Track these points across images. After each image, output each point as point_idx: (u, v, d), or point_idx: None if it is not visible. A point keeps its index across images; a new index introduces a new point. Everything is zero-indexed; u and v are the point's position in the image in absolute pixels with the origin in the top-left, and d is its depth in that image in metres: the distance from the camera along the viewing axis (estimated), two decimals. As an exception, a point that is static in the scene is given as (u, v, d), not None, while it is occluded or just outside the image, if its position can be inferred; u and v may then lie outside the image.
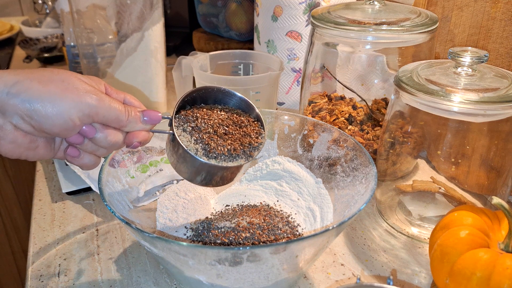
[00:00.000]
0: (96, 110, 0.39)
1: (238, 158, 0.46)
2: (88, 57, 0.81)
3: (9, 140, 0.38)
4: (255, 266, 0.41)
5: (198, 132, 0.45)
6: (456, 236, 0.42)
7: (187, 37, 1.35)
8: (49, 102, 0.37)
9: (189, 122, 0.46)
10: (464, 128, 0.52)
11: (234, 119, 0.48)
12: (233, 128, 0.47)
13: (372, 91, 0.73)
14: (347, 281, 0.51)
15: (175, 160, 0.46)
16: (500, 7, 0.65)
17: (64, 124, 0.38)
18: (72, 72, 0.40)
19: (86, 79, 0.41)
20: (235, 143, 0.46)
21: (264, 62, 0.79)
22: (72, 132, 0.39)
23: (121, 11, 0.76)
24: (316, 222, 0.55)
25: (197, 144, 0.44)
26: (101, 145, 0.42)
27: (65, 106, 0.37)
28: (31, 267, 0.53)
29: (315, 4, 0.80)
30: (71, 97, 0.38)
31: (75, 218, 0.61)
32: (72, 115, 0.38)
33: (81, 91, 0.39)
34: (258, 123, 0.49)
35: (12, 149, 0.39)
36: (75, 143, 0.41)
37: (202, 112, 0.47)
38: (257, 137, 0.48)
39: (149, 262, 0.53)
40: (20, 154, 0.40)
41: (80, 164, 0.43)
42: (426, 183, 0.60)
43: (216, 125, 0.46)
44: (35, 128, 0.38)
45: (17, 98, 0.36)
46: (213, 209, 0.60)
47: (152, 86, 0.82)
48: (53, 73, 0.39)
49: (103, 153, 0.43)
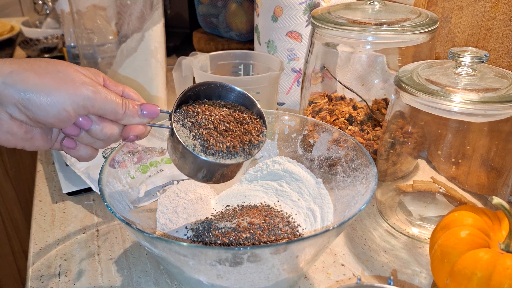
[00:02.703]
0: (92, 101, 0.39)
1: (237, 155, 0.45)
2: (89, 57, 0.81)
3: (5, 130, 0.38)
4: (256, 267, 0.41)
5: (197, 127, 0.45)
6: (456, 236, 0.42)
7: (187, 37, 1.35)
8: (44, 92, 0.37)
9: (189, 117, 0.45)
10: (464, 128, 0.52)
11: (236, 115, 0.47)
12: (234, 125, 0.46)
13: (372, 91, 0.73)
14: (348, 281, 0.51)
15: (174, 156, 0.46)
16: (500, 7, 0.65)
17: (58, 114, 0.38)
18: (69, 63, 0.40)
19: (84, 70, 0.40)
20: (234, 140, 0.45)
21: (264, 62, 0.79)
22: (67, 123, 0.39)
23: (121, 11, 0.76)
24: (317, 223, 0.55)
25: (195, 139, 0.44)
26: (97, 137, 0.41)
27: (60, 97, 0.37)
28: (31, 268, 0.53)
29: (315, 5, 0.80)
30: (66, 88, 0.38)
31: (75, 218, 0.61)
32: (66, 106, 0.38)
33: (77, 82, 0.38)
34: (260, 121, 0.48)
35: (8, 139, 0.39)
36: (71, 134, 0.41)
37: (203, 108, 0.46)
38: (258, 135, 0.47)
39: (149, 262, 0.53)
40: (16, 144, 0.40)
41: (77, 155, 0.43)
42: (426, 183, 0.60)
43: (217, 121, 0.46)
44: (30, 118, 0.38)
45: (12, 88, 0.36)
46: (214, 209, 0.60)
47: (152, 86, 0.82)
48: (49, 63, 0.39)
49: (100, 146, 0.43)
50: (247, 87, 0.68)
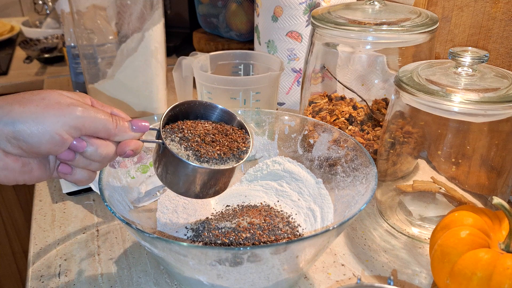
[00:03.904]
0: (82, 121, 0.38)
1: (229, 160, 0.47)
2: (89, 57, 0.81)
3: (1, 167, 0.38)
4: (256, 267, 0.41)
5: (186, 141, 0.46)
6: (456, 236, 0.42)
7: (187, 37, 1.35)
8: (32, 120, 0.37)
9: (175, 133, 0.46)
10: (464, 128, 0.52)
11: (219, 128, 0.49)
12: (219, 136, 0.48)
13: (372, 91, 0.73)
14: (348, 282, 0.51)
15: (166, 173, 0.46)
16: (500, 7, 0.65)
17: (52, 140, 0.37)
18: (54, 90, 0.40)
19: (70, 94, 0.40)
20: (224, 148, 0.47)
21: (265, 62, 0.79)
22: (62, 148, 0.39)
23: (122, 11, 0.76)
24: (317, 223, 0.55)
25: (187, 150, 0.45)
26: (93, 159, 0.41)
27: (49, 122, 0.37)
28: (31, 268, 0.53)
29: (315, 5, 0.80)
30: (53, 112, 0.37)
31: (75, 218, 0.61)
32: (58, 129, 0.37)
33: (63, 104, 0.38)
34: (242, 131, 0.50)
35: (6, 175, 0.39)
36: (66, 159, 0.40)
37: (187, 125, 0.48)
38: (244, 142, 0.49)
39: (149, 262, 0.53)
40: (15, 179, 0.39)
41: (74, 180, 0.42)
42: (426, 183, 0.60)
43: (203, 135, 0.47)
44: (24, 149, 0.38)
45: (0, 122, 0.36)
46: (214, 209, 0.60)
47: (152, 86, 0.82)
48: (33, 94, 0.39)
49: (96, 167, 0.43)
50: (247, 87, 0.68)
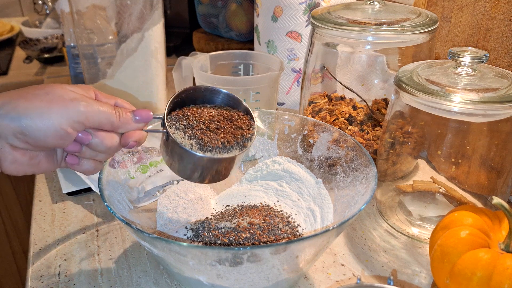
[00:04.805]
0: (86, 115, 0.39)
1: (232, 149, 0.47)
2: (88, 57, 0.81)
3: (10, 160, 0.39)
4: (256, 267, 0.41)
5: (190, 129, 0.46)
6: (456, 236, 0.42)
7: (187, 37, 1.35)
8: (37, 115, 0.38)
9: (180, 121, 0.47)
10: (464, 128, 0.52)
11: (224, 114, 0.49)
12: (224, 122, 0.48)
13: (372, 91, 0.73)
14: (348, 282, 0.51)
15: (171, 160, 0.47)
16: (500, 7, 0.65)
17: (57, 134, 0.39)
18: (58, 84, 0.41)
19: (73, 87, 0.41)
20: (228, 136, 0.47)
21: (264, 62, 0.79)
22: (67, 141, 0.40)
23: (121, 11, 0.76)
24: (317, 223, 0.55)
25: (191, 139, 0.45)
26: (98, 150, 0.42)
27: (53, 117, 0.38)
28: (31, 268, 0.53)
29: (315, 5, 0.80)
30: (57, 107, 0.38)
31: (75, 218, 0.61)
32: (62, 124, 0.38)
33: (67, 99, 0.39)
34: (248, 116, 0.50)
35: (15, 168, 0.40)
36: (73, 151, 0.42)
37: (192, 111, 0.48)
38: (249, 129, 0.49)
39: (149, 262, 0.53)
40: (24, 171, 0.41)
41: (81, 170, 0.44)
42: (426, 183, 0.60)
43: (208, 121, 0.47)
44: (31, 144, 0.39)
45: (6, 118, 0.37)
46: (213, 209, 0.60)
47: (152, 86, 0.82)
48: (37, 88, 0.40)
49: (102, 158, 0.44)
50: (247, 87, 0.68)
